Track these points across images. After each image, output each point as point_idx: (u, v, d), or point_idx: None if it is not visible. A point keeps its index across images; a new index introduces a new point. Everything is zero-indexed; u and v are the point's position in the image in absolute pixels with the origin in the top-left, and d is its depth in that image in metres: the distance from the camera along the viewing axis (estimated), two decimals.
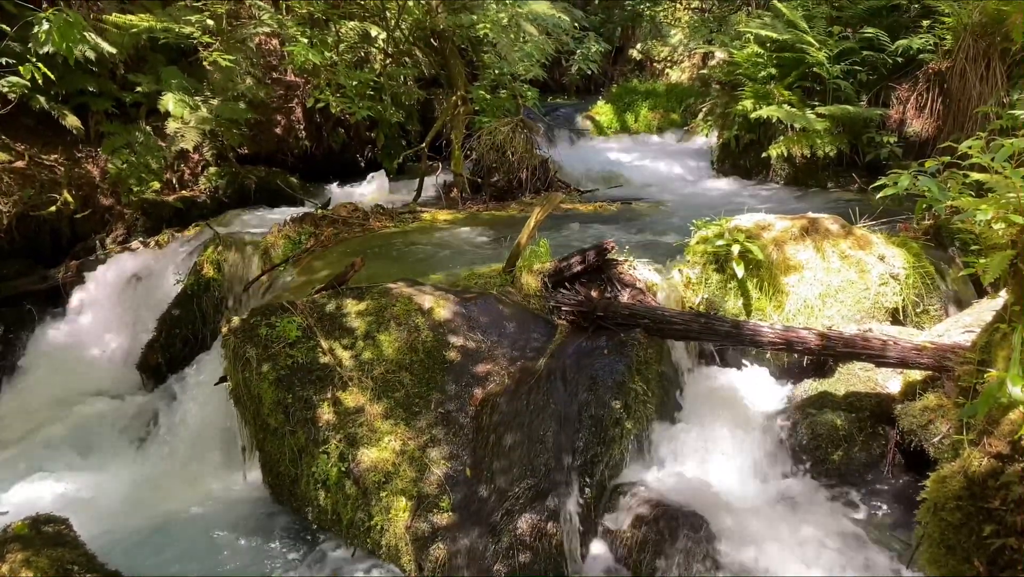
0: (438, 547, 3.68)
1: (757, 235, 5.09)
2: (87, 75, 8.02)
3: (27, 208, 7.58)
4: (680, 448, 4.26)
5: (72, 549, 3.60)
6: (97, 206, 8.11)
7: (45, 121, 8.08)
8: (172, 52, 8.89)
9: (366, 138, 10.88)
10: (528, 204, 8.27)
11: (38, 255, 7.76)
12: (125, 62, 8.42)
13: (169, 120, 8.45)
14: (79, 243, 7.96)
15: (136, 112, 8.61)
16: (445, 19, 8.77)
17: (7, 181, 7.56)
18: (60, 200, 7.79)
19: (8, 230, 7.49)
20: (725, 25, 12.89)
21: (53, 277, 7.46)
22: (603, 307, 4.50)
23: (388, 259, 6.16)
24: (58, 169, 8.01)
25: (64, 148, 8.25)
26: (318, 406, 4.21)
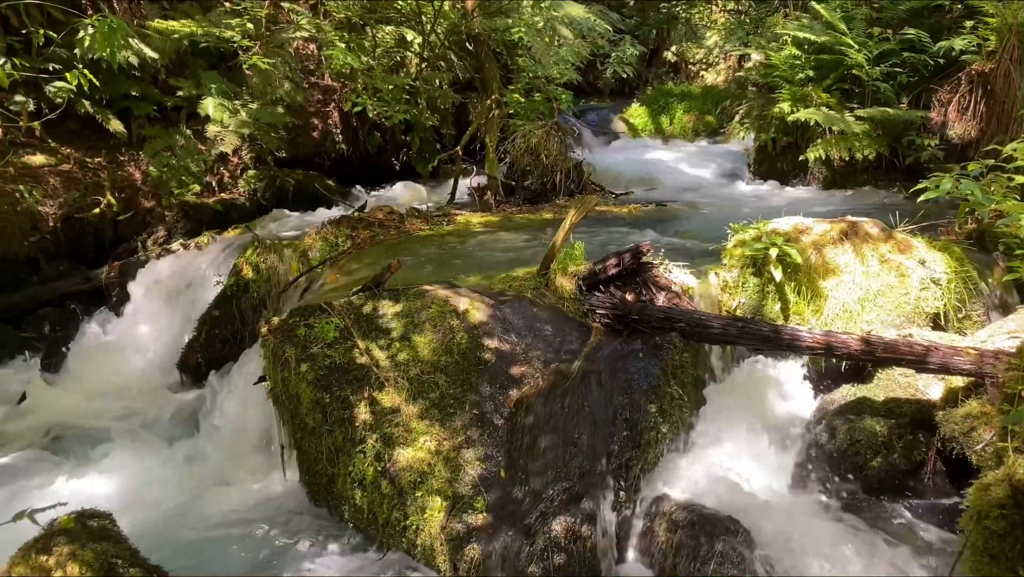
0: (472, 548, 3.69)
1: (795, 238, 5.04)
2: (130, 80, 8.20)
3: (72, 210, 7.76)
4: (716, 452, 4.23)
5: (116, 544, 3.66)
6: (139, 208, 8.28)
7: (89, 125, 8.27)
8: (212, 57, 9.05)
9: (401, 141, 10.97)
10: (562, 207, 8.27)
11: (82, 257, 7.94)
12: (167, 67, 8.59)
13: (209, 124, 8.61)
14: (121, 245, 8.13)
15: (177, 116, 8.77)
16: (480, 23, 8.81)
17: (53, 184, 7.75)
18: (104, 202, 7.97)
19: (54, 232, 7.68)
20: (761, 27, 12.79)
21: (96, 278, 7.63)
22: (638, 310, 4.49)
23: (423, 261, 6.20)
24: (102, 172, 8.20)
25: (107, 151, 8.44)
26: (355, 406, 4.25)
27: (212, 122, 8.56)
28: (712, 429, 4.36)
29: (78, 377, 6.58)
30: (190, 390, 6.21)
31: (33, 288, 7.47)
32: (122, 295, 7.23)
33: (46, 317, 7.34)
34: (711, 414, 4.41)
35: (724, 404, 4.54)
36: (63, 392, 6.43)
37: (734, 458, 4.28)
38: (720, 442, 4.30)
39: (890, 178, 8.35)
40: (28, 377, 6.51)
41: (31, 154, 7.86)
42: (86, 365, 6.68)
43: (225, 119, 8.51)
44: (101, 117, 8.13)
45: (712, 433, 4.34)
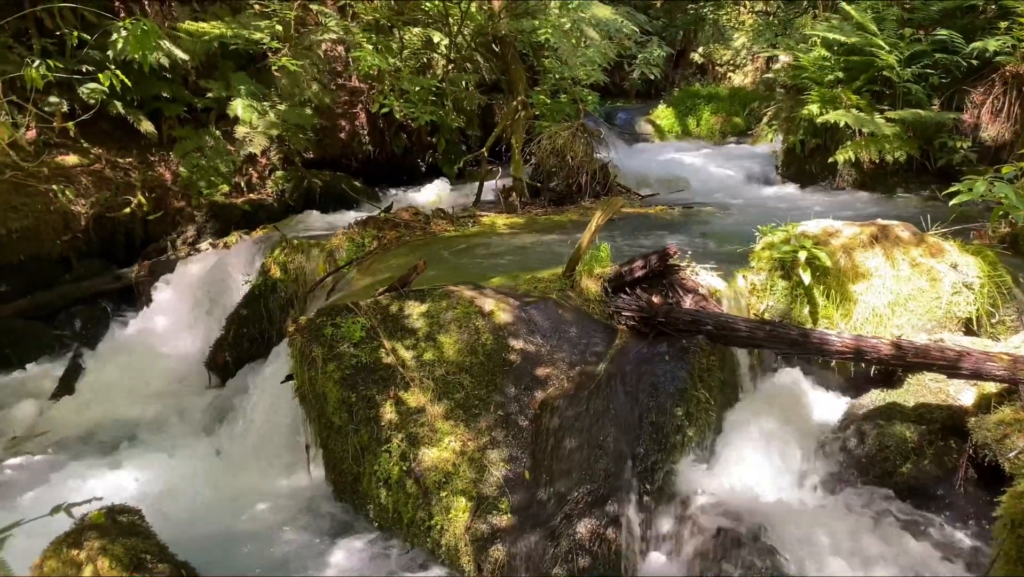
0: (497, 549, 3.69)
1: (824, 241, 4.99)
2: (161, 81, 8.31)
3: (103, 210, 7.89)
4: (743, 455, 4.19)
5: (145, 539, 3.71)
6: (169, 208, 8.39)
7: (120, 126, 8.39)
8: (241, 58, 9.15)
9: (427, 143, 11.01)
10: (587, 208, 8.26)
11: (112, 256, 8.07)
12: (197, 68, 8.70)
13: (238, 125, 8.70)
14: (151, 244, 8.24)
15: (207, 117, 8.88)
16: (507, 24, 8.82)
17: (85, 183, 7.88)
18: (134, 202, 8.08)
19: (85, 231, 7.81)
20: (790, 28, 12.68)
21: (126, 277, 7.74)
22: (665, 313, 4.46)
23: (449, 262, 6.21)
24: (132, 172, 8.32)
25: (138, 152, 8.56)
26: (381, 405, 4.27)
27: (241, 123, 8.65)
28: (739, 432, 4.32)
29: (107, 374, 6.65)
30: (218, 388, 6.27)
31: (65, 286, 7.60)
32: (152, 294, 7.33)
33: (78, 315, 7.46)
34: (738, 417, 4.38)
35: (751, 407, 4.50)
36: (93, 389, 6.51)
37: (761, 462, 4.24)
38: (747, 445, 4.26)
39: (921, 181, 8.25)
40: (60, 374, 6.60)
41: (64, 154, 8.00)
42: (116, 363, 6.76)
43: (254, 120, 8.60)
44: (132, 118, 8.25)
45: (739, 436, 4.30)
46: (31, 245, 7.47)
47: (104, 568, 3.41)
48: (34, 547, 3.49)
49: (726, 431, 4.32)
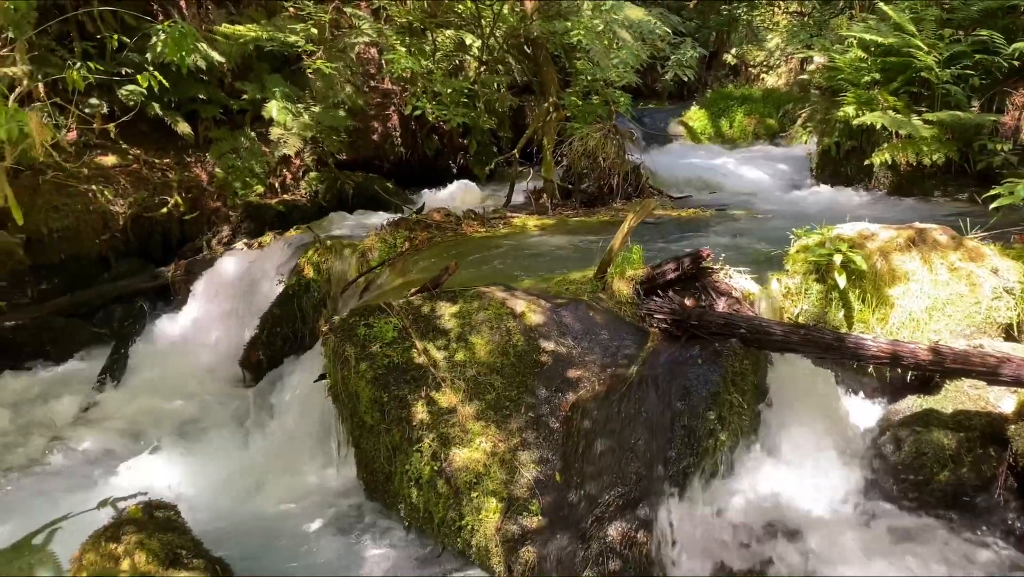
0: (527, 550, 3.70)
1: (860, 245, 4.93)
2: (198, 83, 8.44)
3: (141, 210, 8.03)
4: (776, 460, 4.15)
5: (181, 535, 3.77)
6: (204, 208, 8.51)
7: (158, 127, 8.54)
8: (276, 60, 9.27)
9: (459, 144, 11.06)
10: (619, 210, 8.23)
11: (149, 255, 8.21)
12: (232, 70, 8.83)
13: (273, 126, 8.81)
14: (187, 244, 8.38)
15: (242, 118, 9.00)
16: (539, 26, 8.82)
17: (123, 184, 8.03)
18: (171, 202, 8.22)
19: (124, 231, 7.96)
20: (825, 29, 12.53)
21: (163, 276, 7.87)
22: (697, 316, 4.43)
23: (480, 263, 6.23)
24: (169, 173, 8.46)
25: (175, 153, 8.71)
26: (412, 405, 4.29)
27: (276, 125, 8.76)
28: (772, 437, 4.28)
29: (145, 372, 6.77)
30: (252, 386, 6.35)
31: (104, 285, 7.75)
32: (187, 293, 7.44)
33: (116, 313, 7.60)
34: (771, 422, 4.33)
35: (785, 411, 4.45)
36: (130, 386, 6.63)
37: (794, 467, 4.20)
38: (780, 450, 4.22)
39: (960, 184, 8.11)
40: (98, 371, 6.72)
41: (103, 155, 8.16)
42: (152, 360, 6.87)
43: (288, 122, 8.70)
44: (170, 119, 8.39)
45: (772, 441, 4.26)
46: (71, 244, 7.63)
47: (141, 562, 3.47)
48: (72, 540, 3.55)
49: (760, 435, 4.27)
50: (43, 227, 7.36)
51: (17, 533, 4.24)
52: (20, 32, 6.60)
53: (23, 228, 6.60)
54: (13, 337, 7.06)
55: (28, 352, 7.04)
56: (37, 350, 7.07)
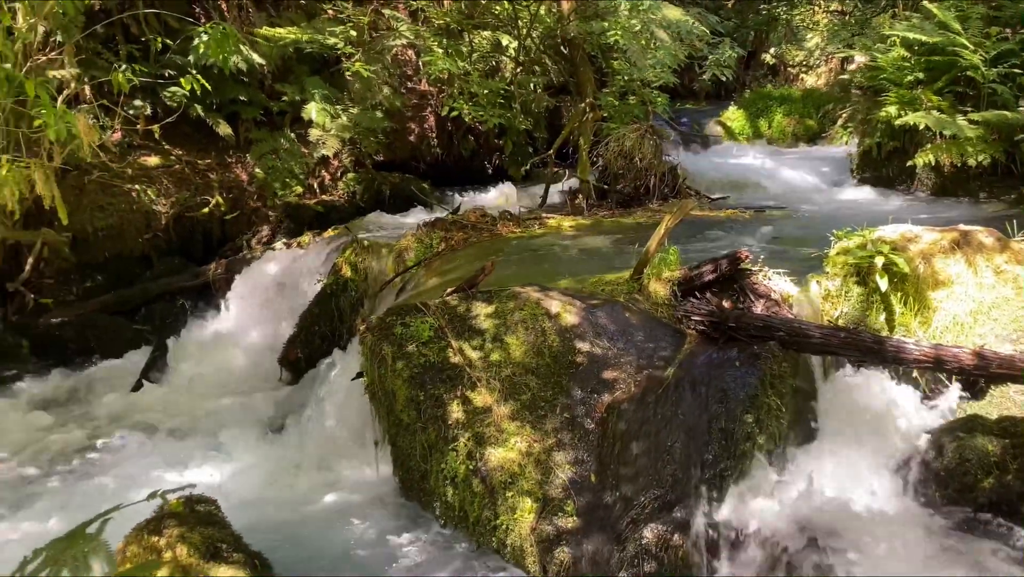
0: (562, 550, 3.70)
1: (902, 247, 4.84)
2: (239, 85, 8.57)
3: (183, 209, 8.17)
4: (814, 465, 4.10)
5: (221, 529, 3.83)
6: (245, 208, 8.64)
7: (199, 128, 8.69)
8: (315, 62, 9.38)
9: (494, 145, 11.08)
10: (655, 211, 8.18)
11: (191, 254, 8.35)
12: (272, 72, 8.96)
13: (312, 128, 8.91)
14: (228, 243, 8.50)
15: (281, 120, 9.12)
16: (576, 27, 8.81)
17: (166, 184, 8.18)
18: (212, 202, 8.35)
19: (166, 230, 8.10)
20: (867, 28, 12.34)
21: (204, 275, 7.99)
22: (735, 318, 4.40)
23: (515, 264, 6.24)
24: (211, 173, 8.60)
25: (216, 153, 8.85)
26: (448, 404, 4.31)
27: (314, 126, 8.86)
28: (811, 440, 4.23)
29: (185, 368, 6.89)
30: (290, 383, 6.43)
31: (146, 283, 7.90)
32: (228, 291, 7.55)
33: (158, 311, 7.75)
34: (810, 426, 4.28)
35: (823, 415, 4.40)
36: (172, 383, 6.76)
37: (833, 472, 4.14)
38: (819, 455, 4.17)
39: (1006, 185, 7.92)
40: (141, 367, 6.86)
41: (146, 155, 8.32)
42: (193, 357, 7.00)
43: (327, 123, 8.79)
44: (211, 121, 8.53)
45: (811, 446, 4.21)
46: (115, 243, 7.79)
47: (182, 555, 3.54)
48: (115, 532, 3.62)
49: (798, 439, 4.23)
50: (88, 226, 7.53)
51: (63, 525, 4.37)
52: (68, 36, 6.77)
53: (69, 227, 6.74)
54: (59, 334, 7.24)
55: (73, 348, 7.21)
56: (82, 347, 7.23)
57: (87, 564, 1.53)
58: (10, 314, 7.19)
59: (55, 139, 4.77)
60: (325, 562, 4.08)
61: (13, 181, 5.13)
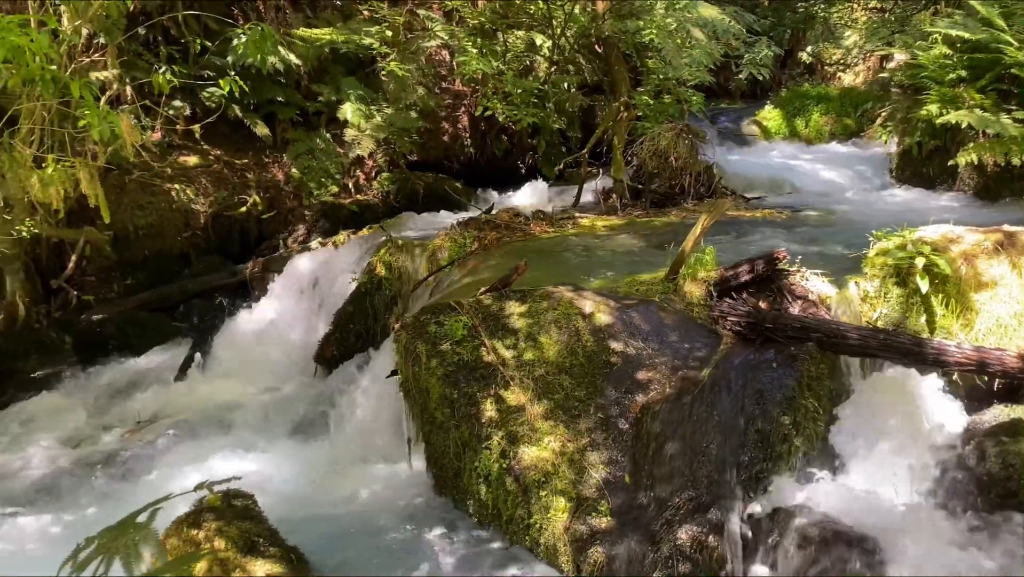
0: (596, 550, 3.69)
1: (944, 248, 4.76)
2: (276, 86, 8.67)
3: (221, 208, 8.28)
4: (853, 468, 4.05)
5: (257, 523, 3.90)
6: (281, 207, 8.73)
7: (237, 128, 8.81)
8: (351, 63, 9.45)
9: (527, 145, 11.07)
10: (690, 211, 8.12)
11: (228, 253, 8.46)
12: (309, 73, 9.05)
13: (347, 128, 8.99)
14: (264, 242, 8.60)
15: (317, 120, 9.21)
16: (611, 25, 8.78)
17: (204, 183, 8.30)
18: (250, 201, 8.46)
19: (204, 228, 8.22)
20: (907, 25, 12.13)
21: (241, 273, 8.09)
22: (772, 319, 4.36)
23: (549, 263, 6.23)
24: (248, 173, 8.71)
25: (253, 153, 8.96)
26: (481, 403, 4.33)
27: (350, 126, 8.93)
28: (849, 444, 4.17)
29: (223, 365, 6.98)
30: (325, 380, 6.49)
31: (185, 281, 8.02)
32: (264, 289, 7.63)
33: (196, 308, 7.86)
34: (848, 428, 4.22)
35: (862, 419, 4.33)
36: (209, 378, 6.85)
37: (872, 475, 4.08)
38: (857, 458, 4.10)
39: None
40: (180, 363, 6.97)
41: (185, 155, 8.46)
42: (230, 354, 7.08)
43: (362, 123, 8.86)
44: (249, 121, 8.63)
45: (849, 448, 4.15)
46: (155, 241, 7.92)
47: (220, 548, 3.60)
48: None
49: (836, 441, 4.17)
50: (129, 224, 7.66)
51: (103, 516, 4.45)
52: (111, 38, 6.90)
53: (111, 225, 6.86)
54: (100, 330, 7.38)
55: (114, 345, 7.35)
56: (122, 343, 7.36)
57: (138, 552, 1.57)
58: (54, 310, 7.34)
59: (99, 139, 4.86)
60: (359, 558, 4.11)
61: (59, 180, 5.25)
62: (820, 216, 7.80)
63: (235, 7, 8.90)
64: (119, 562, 1.55)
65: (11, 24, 4.05)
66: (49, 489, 5.14)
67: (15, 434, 5.98)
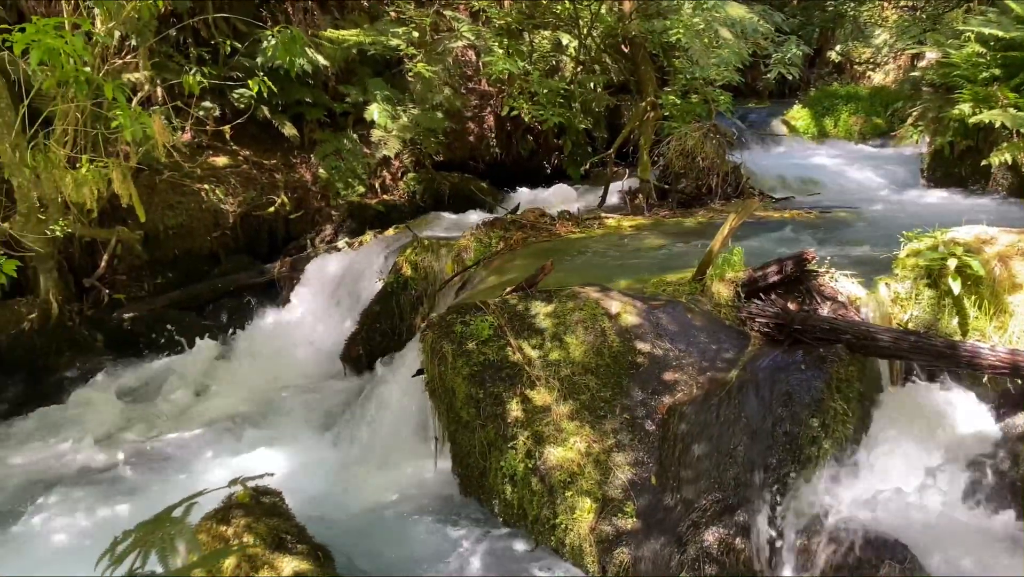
0: (622, 551, 3.68)
1: (977, 249, 4.68)
2: (303, 87, 8.74)
3: (249, 208, 8.37)
4: (882, 471, 3.99)
5: (285, 520, 3.93)
6: (309, 208, 8.81)
7: (265, 129, 8.89)
8: (377, 64, 9.50)
9: (553, 145, 11.07)
10: (717, 211, 8.07)
11: (256, 252, 8.55)
12: (336, 74, 9.11)
13: (374, 128, 9.04)
14: (292, 241, 8.68)
15: (344, 121, 9.27)
16: (637, 25, 8.75)
17: (233, 183, 8.39)
18: (278, 202, 8.54)
19: (233, 228, 8.31)
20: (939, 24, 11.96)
21: (269, 272, 8.18)
22: (801, 320, 4.31)
23: (575, 263, 6.23)
24: (276, 173, 8.79)
25: (281, 154, 9.04)
26: (507, 402, 4.33)
27: (376, 127, 8.98)
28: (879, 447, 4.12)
29: (251, 363, 7.06)
30: (352, 379, 6.53)
31: (214, 280, 8.12)
32: (292, 289, 7.71)
33: (224, 307, 7.96)
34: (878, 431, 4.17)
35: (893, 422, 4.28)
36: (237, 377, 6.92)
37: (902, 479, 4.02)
38: (888, 461, 4.05)
39: None
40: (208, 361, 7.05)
41: (215, 156, 8.55)
42: (258, 353, 7.16)
43: (388, 124, 8.91)
44: (277, 122, 8.71)
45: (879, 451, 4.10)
46: (184, 241, 8.02)
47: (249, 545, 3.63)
48: None
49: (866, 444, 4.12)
50: (159, 224, 7.76)
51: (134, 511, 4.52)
52: (143, 39, 6.99)
53: (141, 225, 6.97)
54: (131, 328, 7.49)
55: (144, 343, 7.46)
56: (152, 341, 7.47)
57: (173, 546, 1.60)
58: (86, 309, 7.45)
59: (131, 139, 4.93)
60: (384, 556, 4.14)
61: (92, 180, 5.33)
62: (850, 216, 7.72)
63: (264, 8, 8.98)
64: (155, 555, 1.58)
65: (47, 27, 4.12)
66: (81, 484, 5.22)
67: (49, 430, 6.09)
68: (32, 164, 5.33)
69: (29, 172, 5.38)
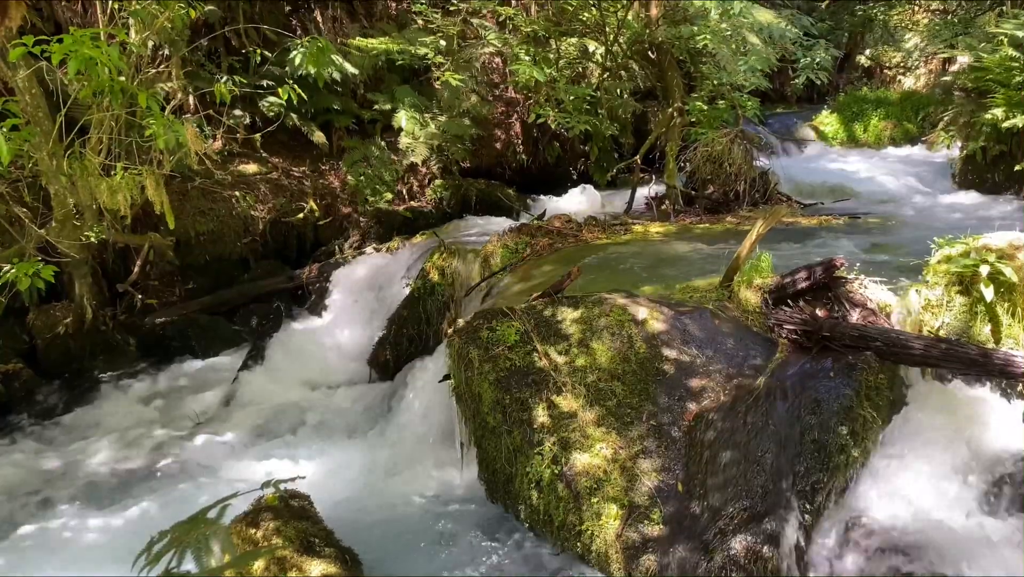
0: (648, 558, 3.67)
1: (1010, 255, 4.61)
2: (332, 95, 8.83)
3: (279, 215, 8.47)
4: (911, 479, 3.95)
5: (313, 524, 3.97)
6: (337, 214, 8.89)
7: (295, 136, 9.00)
8: (405, 72, 9.58)
9: (580, 151, 11.08)
10: (744, 217, 8.03)
11: (285, 258, 8.64)
12: (364, 82, 9.20)
13: (401, 136, 9.11)
14: (321, 247, 8.76)
15: (372, 128, 9.36)
16: (664, 31, 8.74)
17: (263, 190, 8.49)
18: (307, 208, 8.62)
19: (263, 234, 8.41)
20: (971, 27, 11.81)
21: (298, 278, 8.26)
22: (830, 327, 4.28)
23: (601, 270, 6.23)
24: (305, 180, 8.89)
25: (310, 161, 9.15)
26: (533, 408, 4.34)
27: (404, 134, 9.06)
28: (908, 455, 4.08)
29: (280, 368, 7.11)
30: (379, 384, 6.57)
31: (244, 285, 8.22)
32: (321, 294, 7.78)
33: (254, 312, 8.04)
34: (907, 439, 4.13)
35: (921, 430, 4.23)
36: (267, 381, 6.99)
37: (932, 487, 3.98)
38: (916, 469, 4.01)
39: None
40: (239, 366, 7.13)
41: (245, 163, 8.67)
42: (287, 357, 7.22)
43: (416, 131, 8.98)
44: (307, 129, 8.81)
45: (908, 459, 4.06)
46: (215, 247, 8.12)
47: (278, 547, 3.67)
48: None
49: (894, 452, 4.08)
50: (191, 230, 7.87)
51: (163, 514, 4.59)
52: (176, 49, 7.11)
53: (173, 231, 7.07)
54: (163, 333, 7.60)
55: (175, 347, 7.56)
56: (183, 345, 7.57)
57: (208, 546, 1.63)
58: (119, 313, 7.58)
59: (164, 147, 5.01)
60: (411, 561, 4.16)
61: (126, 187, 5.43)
62: (879, 222, 7.64)
63: (294, 18, 9.10)
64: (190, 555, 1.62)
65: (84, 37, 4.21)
66: (114, 486, 5.31)
67: (83, 430, 6.20)
68: (68, 172, 5.43)
69: (65, 179, 5.48)
